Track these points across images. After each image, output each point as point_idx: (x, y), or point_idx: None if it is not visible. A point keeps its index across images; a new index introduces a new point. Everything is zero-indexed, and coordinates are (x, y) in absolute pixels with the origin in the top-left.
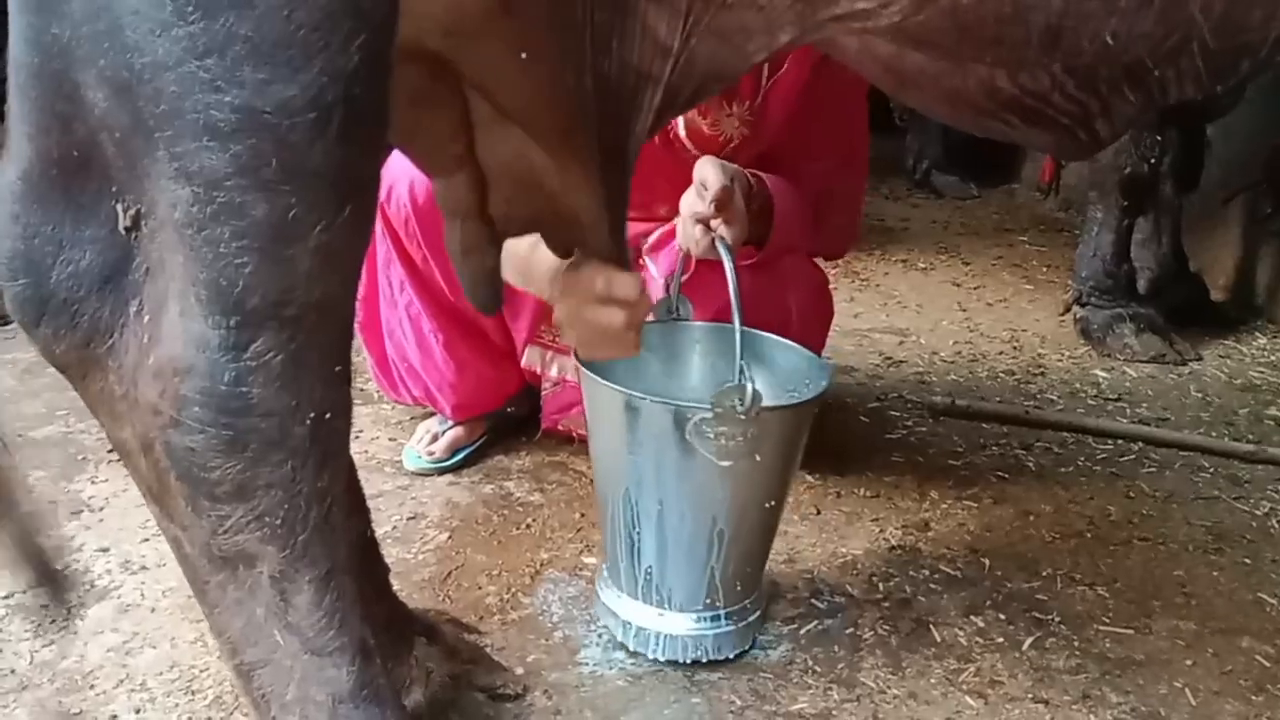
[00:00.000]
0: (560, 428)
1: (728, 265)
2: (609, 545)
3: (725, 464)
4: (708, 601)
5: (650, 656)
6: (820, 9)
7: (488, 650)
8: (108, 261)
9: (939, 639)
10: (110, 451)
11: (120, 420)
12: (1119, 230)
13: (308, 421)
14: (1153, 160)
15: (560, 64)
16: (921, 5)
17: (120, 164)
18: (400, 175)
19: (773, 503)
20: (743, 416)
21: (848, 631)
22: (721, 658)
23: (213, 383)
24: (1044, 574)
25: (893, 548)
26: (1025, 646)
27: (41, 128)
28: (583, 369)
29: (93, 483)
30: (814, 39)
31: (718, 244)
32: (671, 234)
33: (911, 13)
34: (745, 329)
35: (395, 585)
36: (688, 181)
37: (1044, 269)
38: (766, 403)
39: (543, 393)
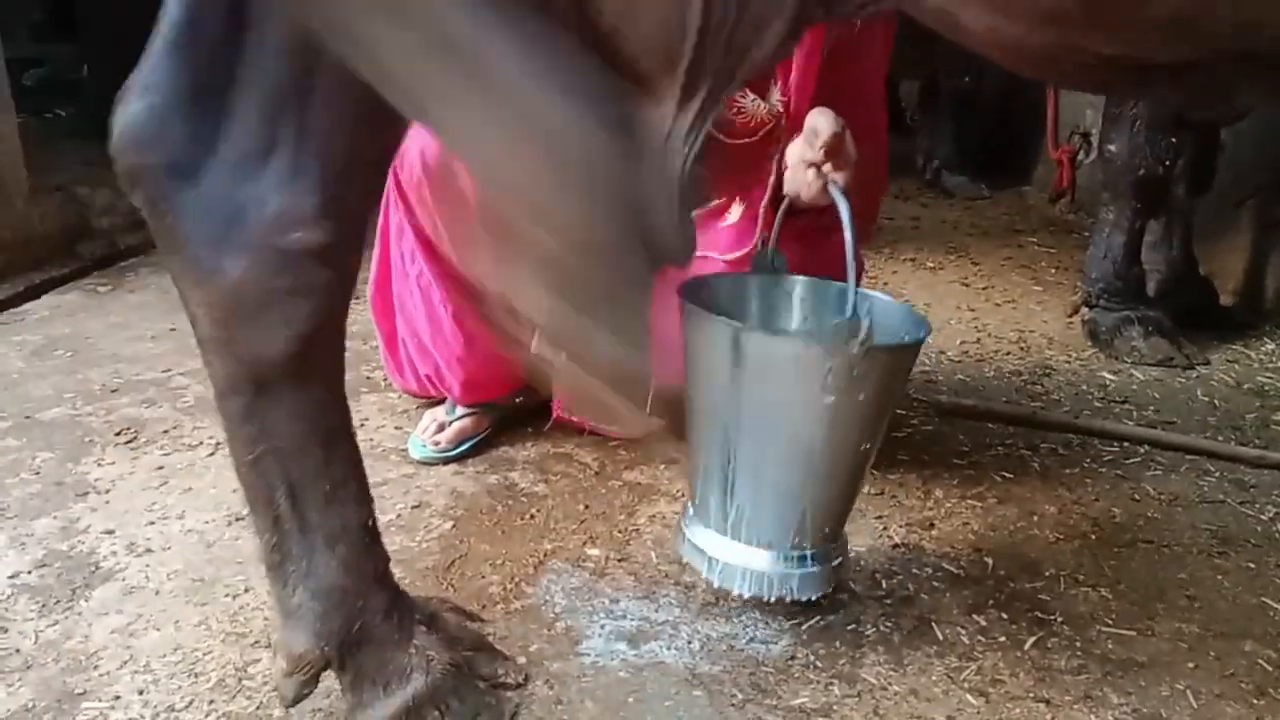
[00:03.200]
0: (571, 418)
1: (843, 207)
2: (699, 484)
3: (829, 400)
4: (796, 541)
5: (735, 594)
6: None
7: (490, 639)
8: (223, 124)
9: (941, 637)
10: (117, 434)
11: (196, 284)
12: (1131, 232)
13: None
14: (1167, 163)
15: None
16: None
17: (228, 43)
18: (412, 141)
19: (868, 445)
20: (855, 351)
21: (850, 628)
22: (803, 599)
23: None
24: (1047, 574)
25: (896, 545)
26: (1027, 646)
27: None
28: (687, 304)
29: (99, 465)
30: None
31: (830, 187)
32: (714, 214)
33: None
34: (846, 285)
35: (399, 573)
36: (724, 168)
37: (1052, 270)
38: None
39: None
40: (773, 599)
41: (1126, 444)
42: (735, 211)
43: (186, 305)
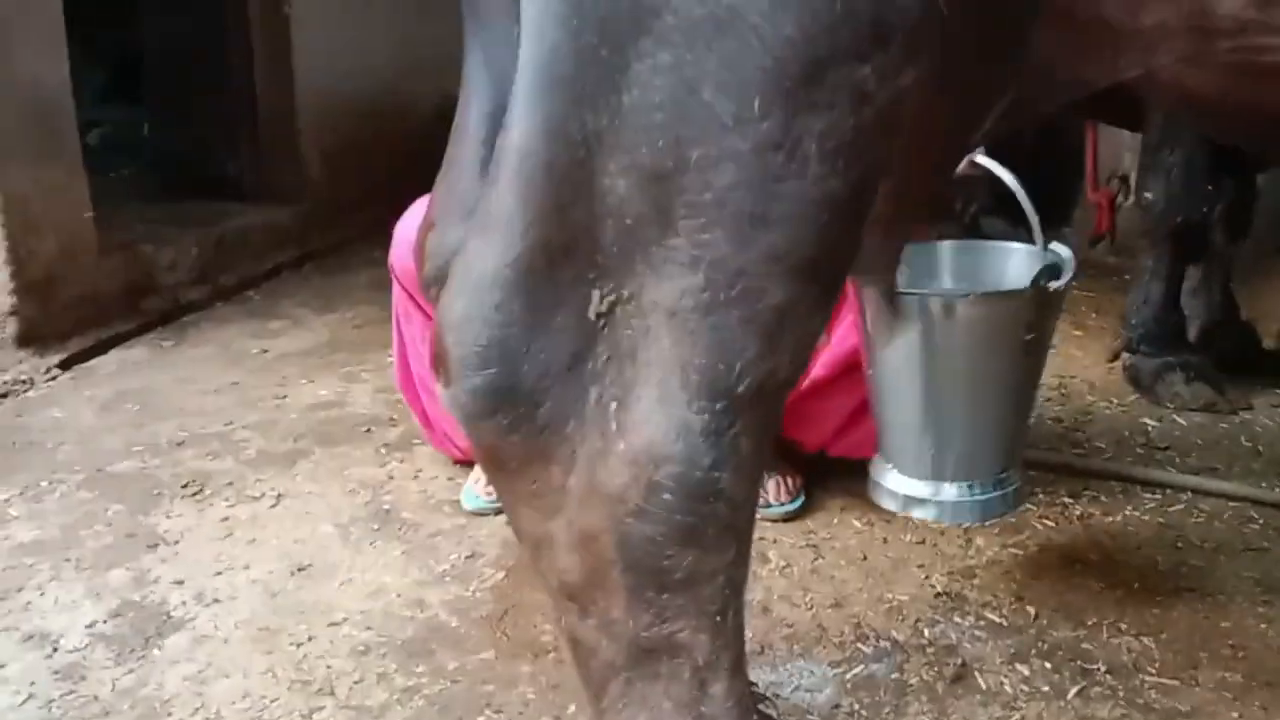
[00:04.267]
0: None
1: (1001, 171)
2: (895, 440)
3: (1029, 337)
4: (997, 469)
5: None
6: (1219, 40)
7: (542, 686)
8: (573, 350)
9: (984, 686)
10: (184, 487)
11: (554, 512)
12: (1170, 279)
13: (751, 507)
14: (1205, 210)
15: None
16: None
17: (614, 250)
18: (411, 226)
19: (1039, 376)
20: (1059, 287)
21: (894, 677)
22: (1007, 513)
23: (689, 469)
24: (1090, 623)
25: (938, 594)
26: (1070, 695)
27: (541, 215)
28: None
29: (168, 517)
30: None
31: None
32: None
33: None
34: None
35: (453, 623)
36: None
37: (1093, 315)
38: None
39: None
40: (985, 523)
41: (1169, 491)
42: None
43: (541, 544)
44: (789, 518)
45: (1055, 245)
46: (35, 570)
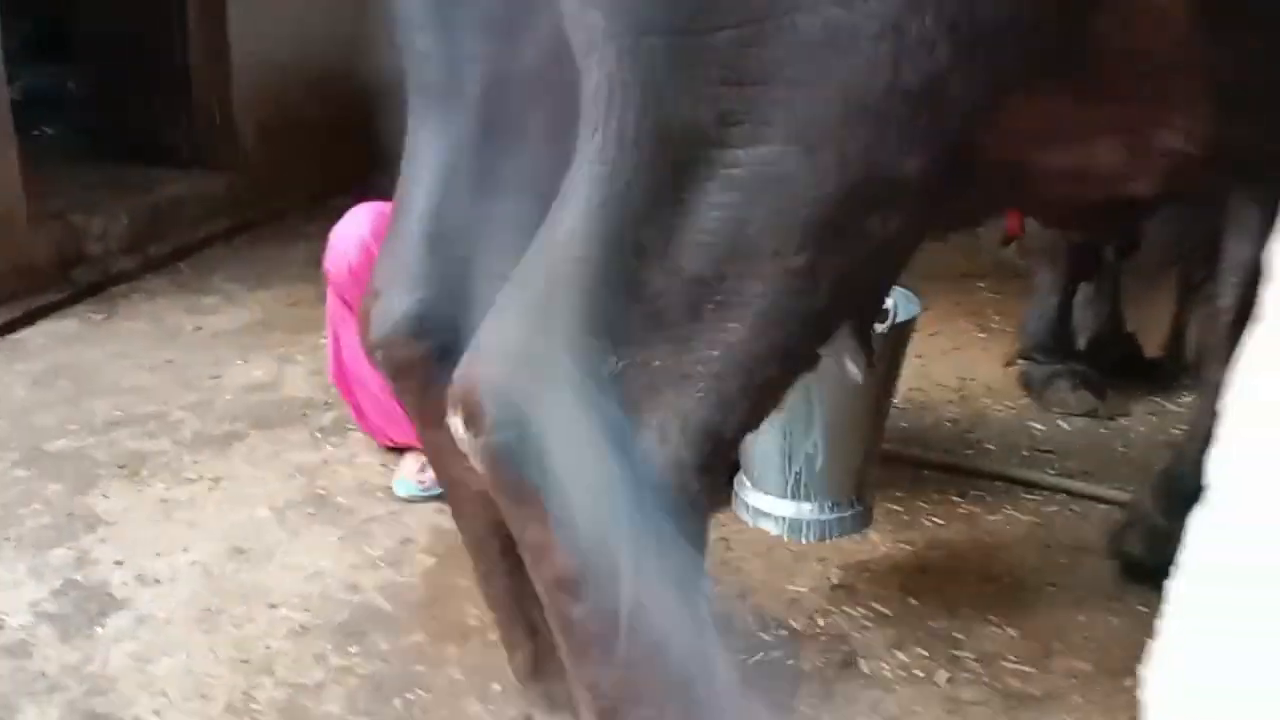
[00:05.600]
0: None
1: None
2: (757, 464)
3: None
4: (845, 491)
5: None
6: None
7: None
8: (591, 400)
9: (866, 671)
10: (121, 467)
11: (557, 524)
12: (1064, 293)
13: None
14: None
15: None
16: None
17: (638, 329)
18: (347, 235)
19: (887, 404)
20: (882, 331)
21: (789, 663)
22: (854, 534)
23: (681, 494)
24: (964, 615)
25: (834, 586)
26: (941, 681)
27: (582, 306)
28: None
29: (105, 497)
30: None
31: None
32: None
33: None
34: None
35: (385, 606)
36: None
37: (997, 317)
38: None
39: None
40: (828, 539)
41: (1046, 492)
42: None
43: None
44: None
45: (895, 294)
46: None
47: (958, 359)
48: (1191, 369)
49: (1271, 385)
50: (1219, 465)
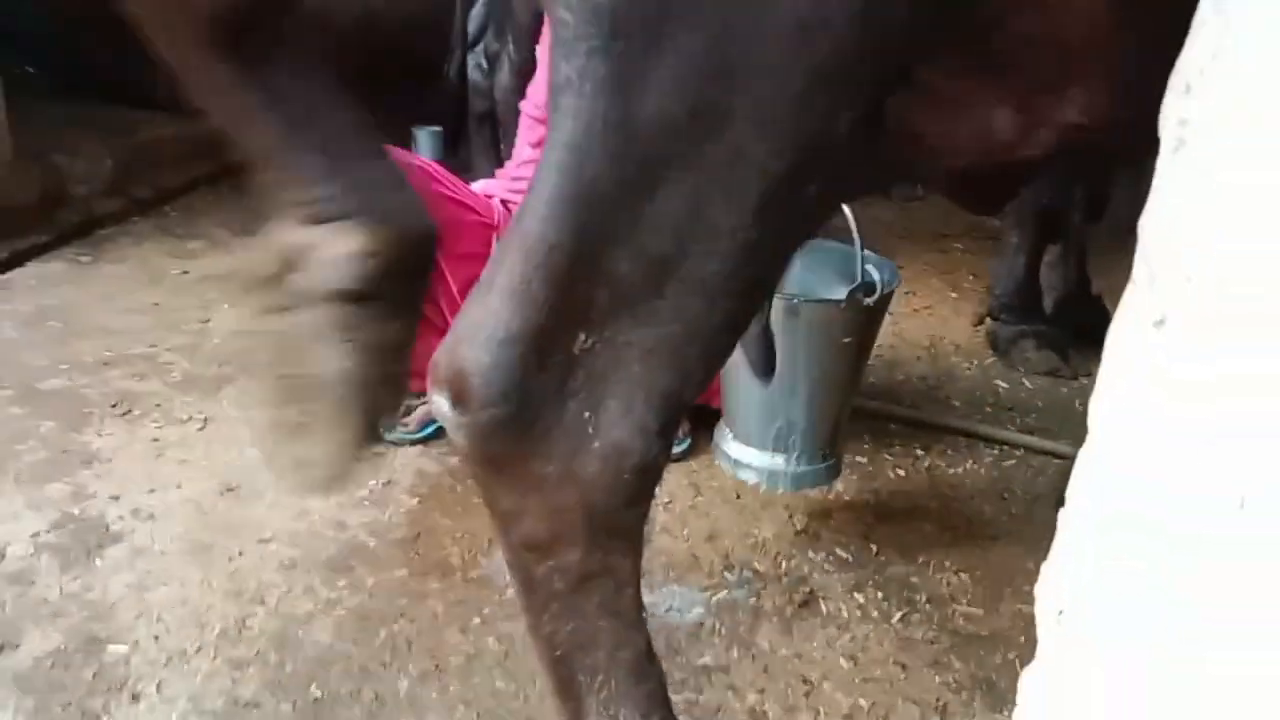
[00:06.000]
0: None
1: None
2: (739, 418)
3: (847, 341)
4: (821, 448)
5: (777, 491)
6: None
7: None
8: (561, 377)
9: (825, 611)
10: (113, 406)
11: (529, 493)
12: (1031, 255)
13: None
14: (1065, 194)
15: None
16: None
17: (606, 308)
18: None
19: (864, 369)
20: (865, 304)
21: (751, 602)
22: (825, 486)
23: (644, 458)
24: (920, 560)
25: (798, 532)
26: (895, 620)
27: (555, 289)
28: None
29: (99, 435)
30: None
31: None
32: None
33: None
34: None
35: (370, 543)
36: None
37: (970, 277)
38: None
39: None
40: (804, 490)
41: (1006, 447)
42: None
43: (516, 516)
44: (675, 459)
45: (876, 264)
46: None
47: (929, 318)
48: None
49: (1135, 342)
50: (1096, 403)
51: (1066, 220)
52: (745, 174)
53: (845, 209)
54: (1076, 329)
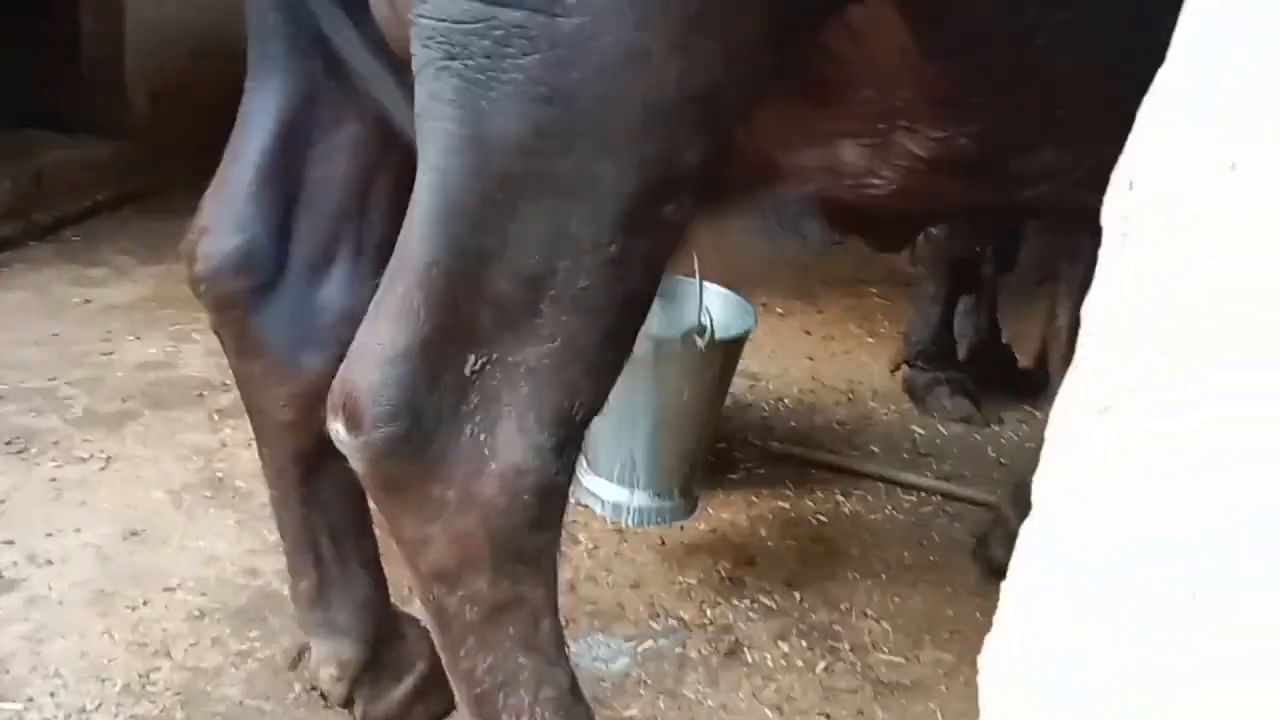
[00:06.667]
0: None
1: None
2: (596, 447)
3: (687, 380)
4: (666, 483)
5: (623, 524)
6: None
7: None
8: (454, 399)
9: (750, 660)
10: (8, 444)
11: (432, 519)
12: (945, 304)
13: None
14: (978, 247)
15: None
16: None
17: (490, 328)
18: None
19: (715, 409)
20: (703, 346)
21: (677, 651)
22: (671, 523)
23: (542, 478)
24: (843, 608)
25: (723, 579)
26: (819, 669)
27: (440, 308)
28: None
29: None
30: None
31: None
32: None
33: None
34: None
35: (284, 591)
36: None
37: (887, 323)
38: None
39: None
40: (649, 525)
41: (924, 494)
42: None
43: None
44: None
45: (733, 306)
46: None
47: (847, 362)
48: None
49: (1080, 426)
50: (1040, 481)
51: (980, 269)
52: (599, 192)
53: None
54: (988, 376)
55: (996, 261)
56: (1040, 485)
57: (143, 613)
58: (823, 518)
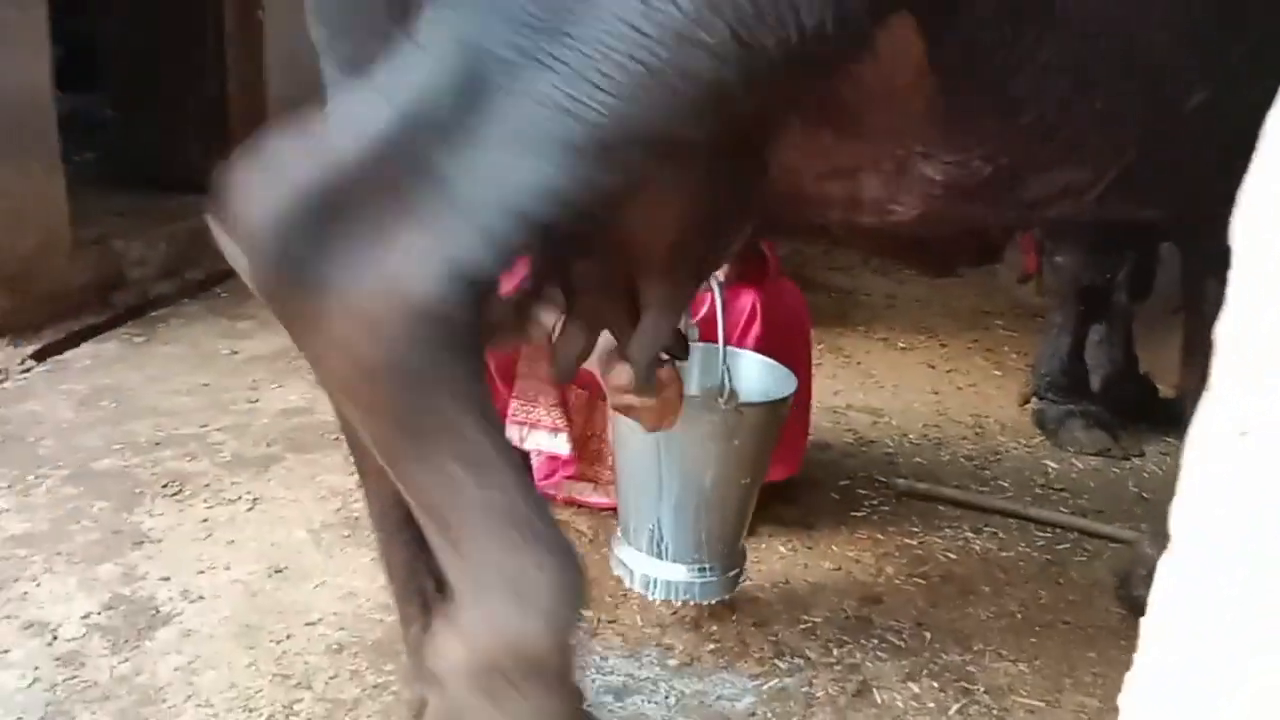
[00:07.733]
0: (562, 497)
1: (716, 290)
2: (626, 515)
3: (711, 445)
4: (697, 556)
5: (650, 598)
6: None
7: None
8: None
9: (879, 701)
10: (164, 487)
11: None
12: (1076, 333)
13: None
14: (1108, 274)
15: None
16: None
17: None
18: None
19: (747, 481)
20: (725, 408)
21: (804, 690)
22: (705, 602)
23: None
24: (976, 649)
25: (848, 617)
26: (951, 711)
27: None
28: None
29: (150, 515)
30: None
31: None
32: None
33: None
34: (731, 347)
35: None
36: None
37: (1014, 355)
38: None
39: None
40: (679, 602)
41: (1059, 530)
42: None
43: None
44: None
45: (771, 373)
46: (29, 562)
47: (973, 396)
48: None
49: (1218, 452)
50: (1178, 512)
51: (1110, 299)
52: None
53: (719, 311)
54: (1124, 408)
55: (1129, 289)
56: (1178, 515)
57: (286, 645)
58: (951, 555)
